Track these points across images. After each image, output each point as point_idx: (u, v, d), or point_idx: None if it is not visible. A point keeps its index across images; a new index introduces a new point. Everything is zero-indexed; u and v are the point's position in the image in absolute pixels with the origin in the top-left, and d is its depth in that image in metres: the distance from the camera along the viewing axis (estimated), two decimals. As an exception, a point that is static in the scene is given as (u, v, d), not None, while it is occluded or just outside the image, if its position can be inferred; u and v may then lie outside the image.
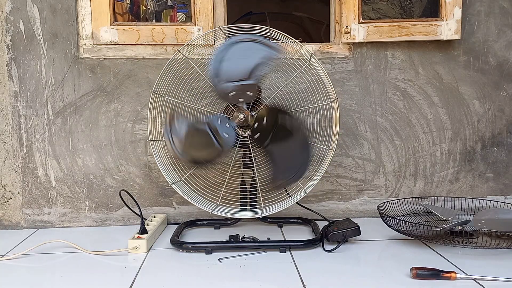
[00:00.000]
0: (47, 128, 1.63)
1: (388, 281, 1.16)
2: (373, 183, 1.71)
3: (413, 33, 1.62)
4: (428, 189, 1.72)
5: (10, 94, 1.61)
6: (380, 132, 1.69)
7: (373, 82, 1.68)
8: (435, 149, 1.71)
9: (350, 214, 1.70)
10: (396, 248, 1.39)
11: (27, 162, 1.63)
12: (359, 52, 1.66)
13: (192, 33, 1.61)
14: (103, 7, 1.59)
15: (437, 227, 1.38)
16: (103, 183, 1.66)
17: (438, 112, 1.70)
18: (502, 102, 1.70)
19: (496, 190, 1.73)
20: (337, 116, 1.38)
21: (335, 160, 1.69)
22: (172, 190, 1.52)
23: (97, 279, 1.21)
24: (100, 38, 1.61)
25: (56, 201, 1.65)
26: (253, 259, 1.33)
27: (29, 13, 1.58)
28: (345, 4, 1.61)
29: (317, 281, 1.16)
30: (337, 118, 1.38)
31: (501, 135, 1.72)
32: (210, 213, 1.41)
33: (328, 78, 1.39)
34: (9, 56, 1.59)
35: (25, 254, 1.38)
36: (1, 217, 1.65)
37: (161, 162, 1.48)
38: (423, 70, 1.68)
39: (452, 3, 1.60)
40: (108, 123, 1.64)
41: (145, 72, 1.63)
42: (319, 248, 1.40)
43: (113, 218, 1.67)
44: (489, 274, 1.16)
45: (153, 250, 1.42)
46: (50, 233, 1.60)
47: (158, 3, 1.82)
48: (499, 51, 1.68)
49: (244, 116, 1.38)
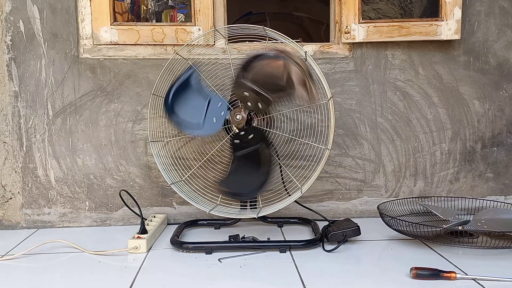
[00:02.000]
0: (47, 128, 1.63)
1: (388, 281, 1.16)
2: (373, 183, 1.71)
3: (413, 33, 1.62)
4: (428, 189, 1.72)
5: (10, 94, 1.61)
6: (380, 132, 1.69)
7: (373, 82, 1.68)
8: (435, 149, 1.71)
9: (350, 214, 1.70)
10: (396, 248, 1.39)
11: (27, 162, 1.63)
12: (359, 52, 1.66)
13: (192, 33, 1.61)
14: (103, 7, 1.59)
15: (437, 227, 1.38)
16: (103, 183, 1.66)
17: (438, 112, 1.70)
18: (502, 102, 1.70)
19: (496, 190, 1.73)
20: (333, 115, 1.38)
21: (335, 160, 1.69)
22: (172, 190, 1.52)
23: (97, 279, 1.21)
24: (100, 38, 1.61)
25: (56, 201, 1.65)
26: (253, 259, 1.33)
27: (29, 13, 1.58)
28: (345, 4, 1.61)
29: (317, 281, 1.16)
30: (332, 116, 1.38)
31: (501, 135, 1.72)
32: (207, 213, 1.41)
33: (323, 76, 1.39)
34: (9, 56, 1.60)
35: (25, 254, 1.38)
36: (1, 217, 1.65)
37: (161, 162, 1.48)
38: (423, 70, 1.68)
39: (452, 3, 1.60)
40: (108, 123, 1.64)
41: (145, 72, 1.63)
42: (319, 248, 1.40)
43: (113, 218, 1.67)
44: (489, 274, 1.16)
45: (153, 250, 1.42)
46: (50, 233, 1.60)
47: (159, 3, 1.82)
48: (499, 51, 1.68)
49: (241, 117, 1.40)
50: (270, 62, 1.32)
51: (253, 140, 1.40)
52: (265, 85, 1.33)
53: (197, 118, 1.42)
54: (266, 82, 1.33)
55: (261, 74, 1.33)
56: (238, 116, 1.40)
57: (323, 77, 1.39)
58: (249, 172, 1.39)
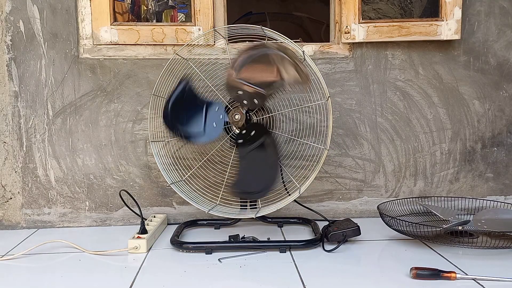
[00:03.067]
0: (47, 128, 1.63)
1: (388, 281, 1.16)
2: (373, 183, 1.71)
3: (413, 33, 1.62)
4: (428, 189, 1.72)
5: (10, 94, 1.61)
6: (380, 132, 1.69)
7: (373, 82, 1.68)
8: (435, 149, 1.71)
9: (350, 214, 1.70)
10: (396, 248, 1.39)
11: (27, 162, 1.63)
12: (359, 52, 1.66)
13: (192, 33, 1.61)
14: (103, 7, 1.59)
15: (437, 227, 1.38)
16: (103, 183, 1.66)
17: (438, 112, 1.70)
18: (502, 102, 1.70)
19: (496, 190, 1.73)
20: (331, 114, 1.38)
21: (335, 160, 1.69)
22: (172, 190, 1.52)
23: (97, 279, 1.21)
24: (100, 38, 1.61)
25: (56, 201, 1.65)
26: (253, 259, 1.33)
27: (29, 13, 1.58)
28: (345, 4, 1.61)
29: (317, 281, 1.16)
30: (330, 116, 1.38)
31: (501, 135, 1.72)
32: (205, 212, 1.41)
33: (321, 76, 1.39)
34: (9, 56, 1.60)
35: (25, 254, 1.38)
36: (1, 217, 1.65)
37: (161, 162, 1.48)
38: (423, 70, 1.68)
39: (452, 3, 1.60)
40: (108, 123, 1.64)
41: (145, 72, 1.63)
42: (319, 248, 1.40)
43: (113, 218, 1.67)
44: (489, 274, 1.16)
45: (153, 250, 1.42)
46: (50, 233, 1.60)
47: (159, 3, 1.82)
48: (499, 51, 1.68)
49: (239, 116, 1.41)
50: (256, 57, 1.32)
51: (256, 136, 1.39)
52: (255, 79, 1.33)
53: (198, 127, 1.43)
54: (255, 76, 1.33)
55: (249, 70, 1.33)
56: (236, 116, 1.41)
57: (321, 76, 1.39)
58: (260, 166, 1.39)
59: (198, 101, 1.45)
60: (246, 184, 1.40)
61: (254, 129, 1.41)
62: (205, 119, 1.43)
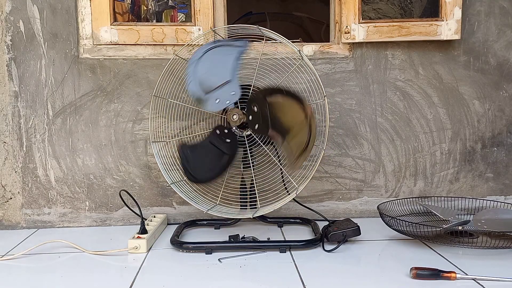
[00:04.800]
0: (47, 128, 1.63)
1: (388, 281, 1.16)
2: (373, 183, 1.71)
3: (413, 33, 1.62)
4: (428, 189, 1.72)
5: (10, 94, 1.61)
6: (380, 132, 1.69)
7: (373, 82, 1.68)
8: (435, 149, 1.71)
9: (350, 214, 1.70)
10: (396, 248, 1.39)
11: (27, 162, 1.63)
12: (359, 52, 1.66)
13: (192, 33, 1.61)
14: (103, 7, 1.59)
15: (437, 227, 1.38)
16: (103, 183, 1.66)
17: (438, 112, 1.70)
18: (502, 102, 1.70)
19: (496, 190, 1.73)
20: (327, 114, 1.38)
21: (335, 160, 1.69)
22: (172, 190, 1.53)
23: (97, 279, 1.21)
24: (100, 38, 1.61)
25: (56, 201, 1.65)
26: (253, 259, 1.33)
27: (29, 13, 1.58)
28: (345, 4, 1.61)
29: (317, 281, 1.16)
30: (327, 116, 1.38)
31: (501, 135, 1.72)
32: (204, 212, 1.41)
33: (318, 77, 1.39)
34: (9, 56, 1.60)
35: (25, 254, 1.38)
36: (1, 217, 1.65)
37: (162, 162, 1.48)
38: (423, 70, 1.68)
39: (452, 3, 1.60)
40: (108, 123, 1.64)
41: (145, 72, 1.63)
42: (319, 248, 1.40)
43: (113, 218, 1.67)
44: (489, 274, 1.16)
45: (153, 250, 1.42)
46: (50, 233, 1.60)
47: (159, 3, 1.82)
48: (499, 51, 1.68)
49: (237, 116, 1.41)
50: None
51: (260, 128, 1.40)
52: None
53: (223, 160, 1.42)
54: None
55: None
56: (234, 116, 1.42)
57: (318, 77, 1.39)
58: (285, 111, 1.38)
59: (205, 144, 1.46)
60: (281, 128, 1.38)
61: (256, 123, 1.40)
62: (219, 148, 1.44)
